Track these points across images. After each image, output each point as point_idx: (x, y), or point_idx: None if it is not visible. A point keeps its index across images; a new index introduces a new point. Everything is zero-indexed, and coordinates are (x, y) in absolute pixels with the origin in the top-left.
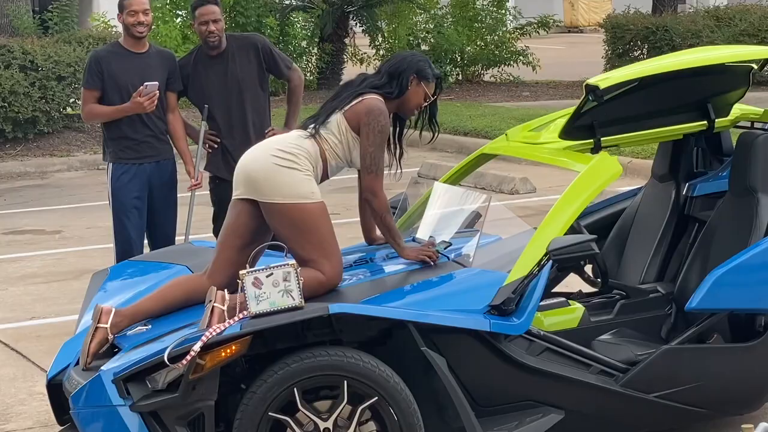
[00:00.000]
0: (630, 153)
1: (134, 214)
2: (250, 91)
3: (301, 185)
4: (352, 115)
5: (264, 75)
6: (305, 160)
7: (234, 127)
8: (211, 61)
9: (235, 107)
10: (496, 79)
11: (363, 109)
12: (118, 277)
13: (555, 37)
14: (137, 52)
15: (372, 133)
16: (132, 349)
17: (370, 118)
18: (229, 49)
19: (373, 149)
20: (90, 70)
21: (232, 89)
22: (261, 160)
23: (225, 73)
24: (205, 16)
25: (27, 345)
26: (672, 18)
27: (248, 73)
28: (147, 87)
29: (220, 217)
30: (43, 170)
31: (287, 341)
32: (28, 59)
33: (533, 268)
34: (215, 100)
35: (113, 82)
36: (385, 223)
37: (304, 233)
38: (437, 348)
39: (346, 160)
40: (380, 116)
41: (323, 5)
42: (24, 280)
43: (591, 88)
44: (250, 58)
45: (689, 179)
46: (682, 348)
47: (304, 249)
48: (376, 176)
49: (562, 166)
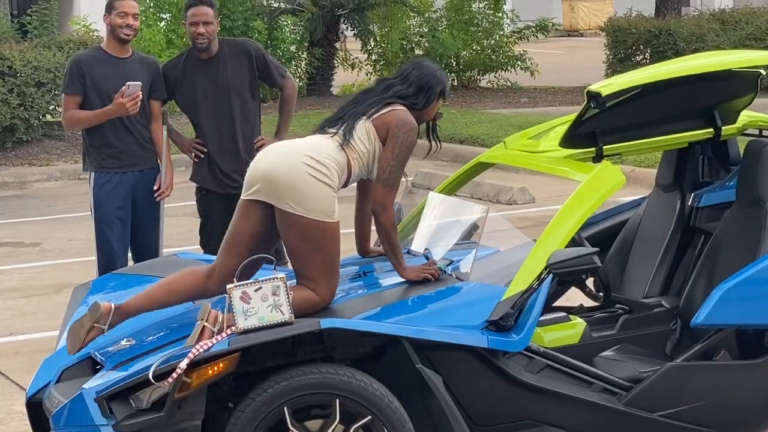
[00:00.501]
0: (633, 162)
1: (117, 224)
2: (240, 99)
3: (327, 202)
4: (380, 124)
5: (255, 83)
6: (336, 174)
7: (222, 135)
8: (201, 65)
9: (224, 115)
10: (493, 85)
11: (394, 120)
12: (100, 290)
13: (554, 41)
14: (120, 57)
15: (399, 147)
16: (115, 366)
17: (401, 131)
18: (220, 54)
19: (395, 163)
20: (71, 74)
21: (222, 96)
22: (292, 164)
23: (215, 79)
24: (195, 17)
25: (5, 362)
26: (676, 21)
27: (239, 79)
28: (129, 87)
29: (206, 228)
30: (22, 180)
31: (277, 358)
32: (6, 65)
33: (533, 282)
34: (203, 106)
35: (95, 87)
36: (389, 239)
37: (314, 251)
38: (433, 365)
39: (368, 170)
40: (411, 132)
41: (313, 8)
42: (2, 295)
43: (593, 95)
44: (242, 65)
45: (695, 189)
46: (687, 365)
47: (308, 265)
48: (390, 190)
49: (562, 175)
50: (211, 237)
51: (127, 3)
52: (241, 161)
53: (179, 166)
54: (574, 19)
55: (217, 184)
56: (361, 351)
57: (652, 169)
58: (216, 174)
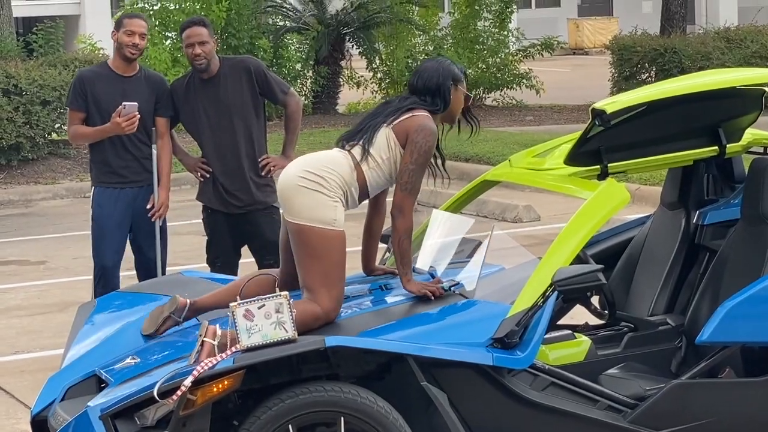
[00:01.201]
0: (638, 180)
1: (113, 237)
2: (243, 117)
3: (324, 209)
4: (400, 130)
5: (258, 100)
6: (335, 184)
7: (224, 154)
8: (203, 85)
9: (226, 134)
10: (498, 103)
11: (414, 125)
12: (105, 309)
13: (559, 59)
14: (125, 74)
15: (418, 152)
16: (120, 383)
17: (419, 136)
18: (220, 72)
19: (414, 167)
20: (74, 90)
21: (223, 115)
22: (289, 177)
23: (216, 98)
24: (191, 38)
25: (10, 380)
26: (681, 39)
27: (240, 97)
28: (125, 107)
29: (212, 246)
30: (28, 198)
31: (282, 376)
32: (12, 83)
33: (538, 300)
34: (205, 126)
35: (96, 103)
36: (401, 246)
37: (314, 258)
38: (438, 383)
39: (392, 178)
40: (430, 136)
41: (318, 27)
42: (7, 313)
43: (597, 113)
44: (242, 82)
45: (700, 207)
46: (692, 383)
47: (308, 274)
48: (409, 195)
49: (567, 193)
50: (217, 255)
51: (135, 22)
52: (245, 180)
53: (185, 184)
54: (579, 37)
55: (222, 204)
56: (366, 368)
57: (657, 186)
58: (220, 193)
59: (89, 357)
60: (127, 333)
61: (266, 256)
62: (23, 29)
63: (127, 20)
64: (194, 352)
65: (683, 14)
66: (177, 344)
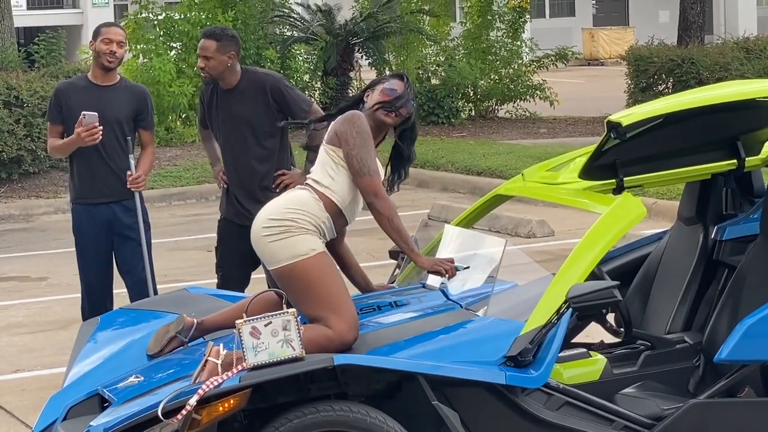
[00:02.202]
0: (655, 194)
1: (92, 257)
2: (255, 133)
3: (297, 245)
4: (332, 137)
5: (274, 117)
6: (305, 223)
7: (237, 168)
8: (223, 96)
9: (240, 148)
10: (511, 115)
11: (336, 123)
12: (108, 326)
13: (574, 70)
14: (102, 84)
15: (350, 137)
16: (124, 402)
17: (343, 125)
18: (239, 85)
19: (356, 150)
20: (51, 103)
21: (237, 129)
22: (255, 231)
23: (231, 111)
24: (199, 50)
25: (11, 400)
26: (699, 50)
27: (253, 113)
28: (85, 117)
29: (219, 250)
30: (29, 213)
31: (289, 395)
32: (13, 95)
33: (552, 317)
34: (222, 137)
35: (71, 115)
36: (393, 226)
37: (307, 290)
38: (449, 402)
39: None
40: (353, 119)
41: (327, 37)
42: (8, 330)
43: (613, 125)
44: (257, 100)
45: (718, 222)
46: (711, 402)
47: (309, 307)
48: (370, 177)
49: (582, 207)
50: (222, 264)
51: (112, 30)
52: (255, 197)
53: (190, 198)
54: (595, 47)
55: (236, 215)
56: (376, 387)
57: (675, 201)
58: (234, 204)
59: (92, 375)
60: (130, 351)
61: None
62: (25, 39)
63: (104, 29)
64: (196, 372)
65: (701, 24)
66: (182, 362)
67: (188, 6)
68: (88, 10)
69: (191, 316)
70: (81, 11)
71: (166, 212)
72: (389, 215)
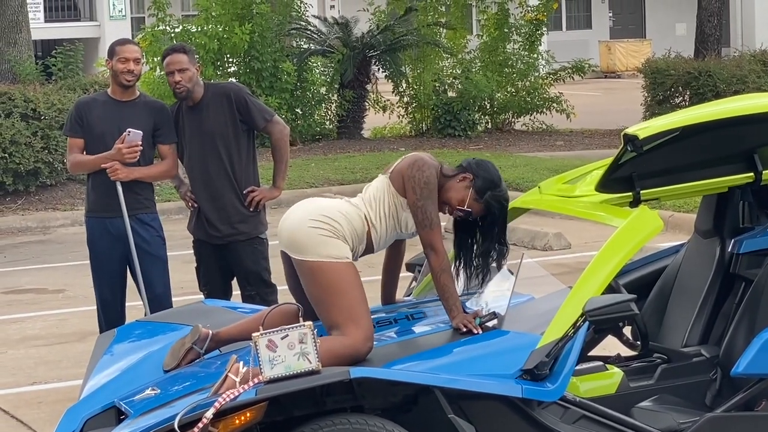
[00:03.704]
0: (671, 207)
1: (106, 270)
2: (225, 146)
3: (335, 248)
4: (396, 176)
5: (239, 128)
6: (346, 227)
7: (207, 184)
8: (189, 112)
9: (209, 163)
10: (527, 128)
11: (405, 163)
12: (125, 339)
13: (590, 82)
14: (122, 100)
15: (417, 186)
16: (140, 415)
17: (413, 170)
18: (204, 99)
19: (422, 202)
20: (71, 117)
21: (205, 143)
22: (298, 220)
23: (199, 126)
24: (170, 65)
25: (28, 412)
26: (716, 62)
27: (222, 125)
28: (130, 134)
29: (201, 273)
30: (46, 225)
31: (305, 408)
32: (30, 107)
33: (568, 330)
34: (189, 154)
35: (91, 130)
36: (441, 282)
37: (331, 293)
38: (465, 415)
39: (400, 225)
40: (424, 167)
41: (343, 49)
42: (25, 343)
43: (630, 138)
44: (223, 109)
45: (735, 235)
46: (728, 416)
47: (330, 312)
48: (431, 230)
49: (598, 220)
50: (205, 282)
51: (127, 48)
52: (226, 210)
53: (177, 214)
54: (611, 60)
55: (204, 234)
56: (392, 400)
57: (691, 214)
58: (203, 224)
59: (109, 388)
60: (147, 363)
61: (247, 287)
62: (42, 52)
63: (119, 47)
64: (217, 385)
65: (718, 36)
66: (198, 375)
67: (205, 19)
68: (106, 22)
69: (206, 327)
70: (98, 24)
71: (182, 225)
72: (439, 271)
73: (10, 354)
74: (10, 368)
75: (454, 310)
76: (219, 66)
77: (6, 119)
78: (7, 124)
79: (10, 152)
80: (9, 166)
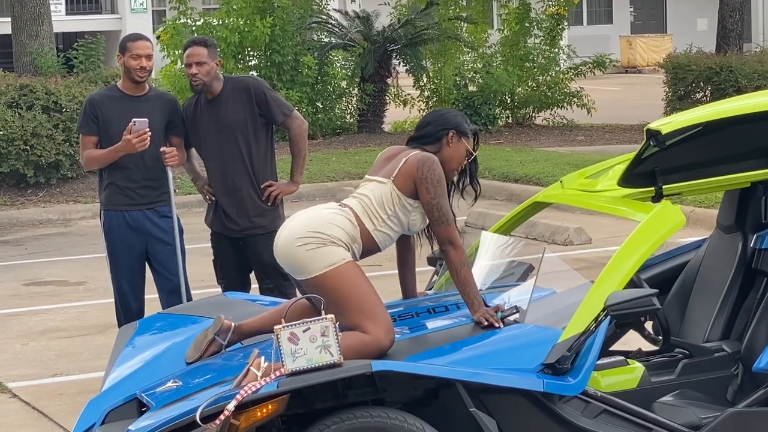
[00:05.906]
0: (693, 202)
1: (126, 264)
2: (244, 139)
3: (328, 255)
4: (402, 179)
5: (258, 121)
6: (336, 238)
7: (225, 177)
8: (207, 106)
9: (227, 156)
10: (548, 123)
11: (412, 165)
12: (147, 331)
13: (611, 77)
14: (135, 95)
15: (431, 185)
16: (162, 407)
17: (424, 171)
18: (223, 92)
19: (437, 200)
20: (85, 114)
21: (224, 136)
22: (285, 245)
23: (217, 119)
24: (189, 57)
25: (49, 404)
26: (737, 58)
27: (240, 118)
28: (136, 123)
29: (218, 266)
30: (67, 217)
31: (327, 400)
32: (52, 100)
33: (590, 324)
34: (208, 148)
35: (106, 125)
36: (461, 276)
37: (341, 298)
38: (487, 409)
39: (403, 228)
40: (433, 165)
41: (365, 43)
42: (46, 335)
43: (652, 133)
44: (243, 103)
45: (757, 230)
46: (750, 411)
47: (345, 316)
48: (448, 226)
49: (620, 215)
50: (222, 276)
51: (139, 44)
52: (244, 204)
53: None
54: (632, 55)
55: (222, 227)
56: (413, 394)
57: (713, 209)
58: (220, 217)
59: (130, 380)
60: (168, 355)
61: (265, 280)
62: (64, 45)
63: (130, 43)
64: (239, 378)
65: (740, 32)
66: (220, 367)
67: (226, 12)
68: (127, 15)
69: (228, 319)
70: (119, 17)
71: (203, 217)
72: (459, 266)
73: (32, 346)
74: (31, 360)
75: (476, 304)
76: (240, 59)
77: (27, 112)
78: (28, 117)
79: (32, 144)
80: (30, 159)
